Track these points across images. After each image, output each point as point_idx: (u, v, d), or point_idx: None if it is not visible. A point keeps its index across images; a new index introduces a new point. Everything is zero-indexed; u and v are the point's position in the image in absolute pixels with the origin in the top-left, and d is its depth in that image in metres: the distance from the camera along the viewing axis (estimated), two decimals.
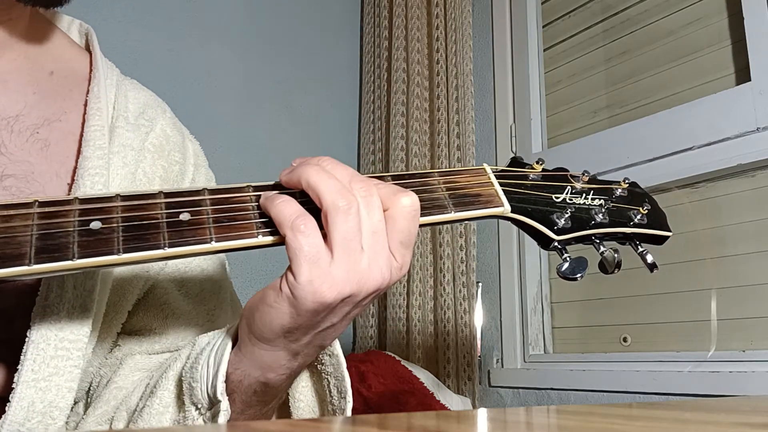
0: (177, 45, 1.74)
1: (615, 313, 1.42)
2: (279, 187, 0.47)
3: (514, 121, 1.69)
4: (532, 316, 1.56)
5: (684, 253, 1.27)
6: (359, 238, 0.43)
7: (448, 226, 1.64)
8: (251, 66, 1.89)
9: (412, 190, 0.47)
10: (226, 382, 0.48)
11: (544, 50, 1.72)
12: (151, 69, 1.63)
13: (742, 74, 1.27)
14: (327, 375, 0.53)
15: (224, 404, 0.48)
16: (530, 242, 1.58)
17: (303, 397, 0.55)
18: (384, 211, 0.45)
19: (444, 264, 1.64)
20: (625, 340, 1.39)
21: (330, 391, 0.53)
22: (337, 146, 2.06)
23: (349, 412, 0.51)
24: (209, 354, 0.50)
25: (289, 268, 0.43)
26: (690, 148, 1.29)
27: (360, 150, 2.05)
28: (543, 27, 1.73)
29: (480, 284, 1.65)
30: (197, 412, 0.50)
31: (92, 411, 0.57)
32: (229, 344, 0.49)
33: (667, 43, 1.44)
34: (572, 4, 1.66)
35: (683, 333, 1.28)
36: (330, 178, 0.44)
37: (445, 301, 1.63)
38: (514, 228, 1.83)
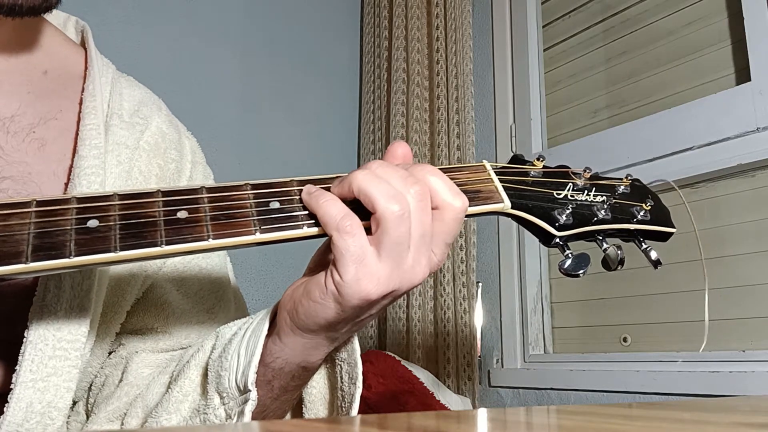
0: (177, 45, 1.74)
1: (615, 313, 1.42)
2: (279, 186, 0.46)
3: (514, 121, 1.69)
4: (532, 316, 1.55)
5: (684, 253, 1.26)
6: (408, 241, 0.44)
7: None
8: (251, 66, 1.88)
9: None
10: (265, 369, 0.49)
11: (544, 50, 1.72)
12: (151, 69, 1.63)
13: (742, 74, 1.27)
14: (341, 361, 0.54)
15: (253, 394, 0.48)
16: (530, 242, 1.60)
17: (316, 383, 0.56)
18: (432, 209, 0.45)
19: (444, 264, 1.64)
20: (625, 340, 1.39)
21: (341, 377, 0.53)
22: (337, 146, 2.06)
23: (358, 398, 0.52)
24: (239, 345, 0.50)
25: (335, 266, 0.44)
26: (690, 148, 1.28)
27: (360, 150, 2.05)
28: (543, 27, 1.73)
29: (480, 284, 1.65)
30: (220, 401, 0.51)
31: (103, 408, 0.57)
32: (262, 336, 0.49)
33: (667, 43, 1.43)
34: (572, 4, 1.66)
35: (684, 333, 1.28)
36: (381, 183, 0.43)
37: (445, 301, 1.63)
38: (514, 228, 1.82)
